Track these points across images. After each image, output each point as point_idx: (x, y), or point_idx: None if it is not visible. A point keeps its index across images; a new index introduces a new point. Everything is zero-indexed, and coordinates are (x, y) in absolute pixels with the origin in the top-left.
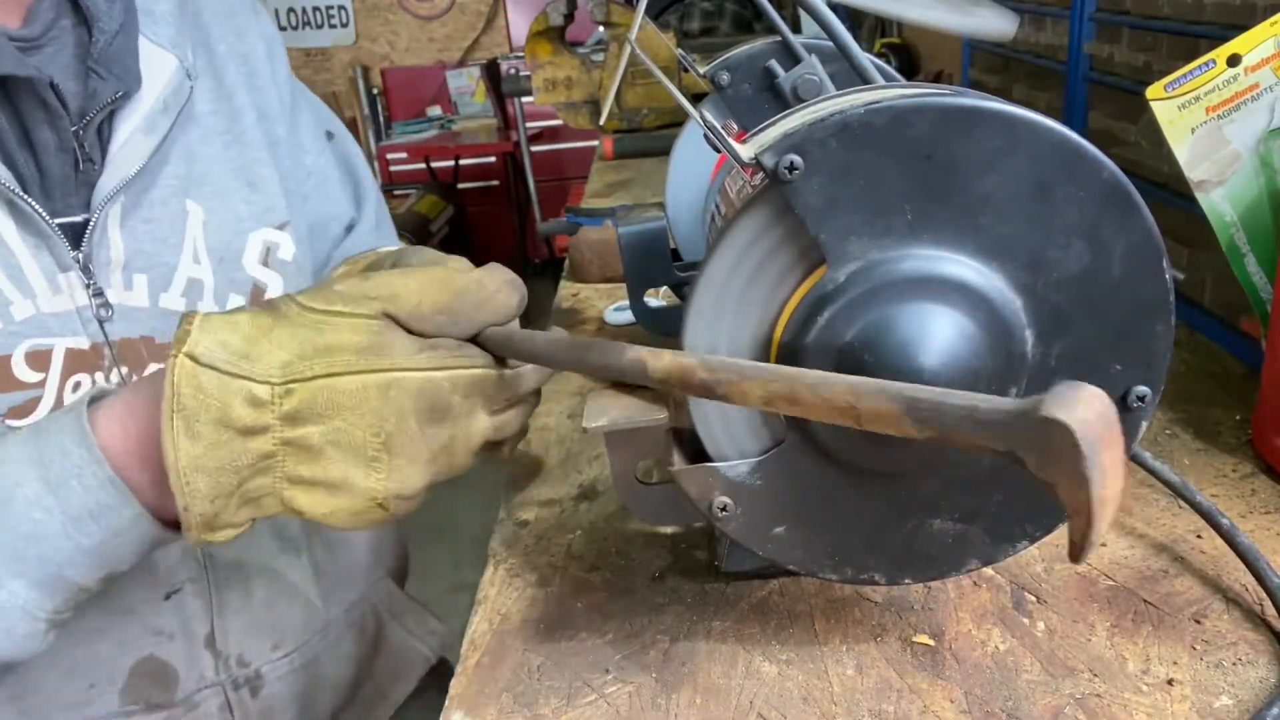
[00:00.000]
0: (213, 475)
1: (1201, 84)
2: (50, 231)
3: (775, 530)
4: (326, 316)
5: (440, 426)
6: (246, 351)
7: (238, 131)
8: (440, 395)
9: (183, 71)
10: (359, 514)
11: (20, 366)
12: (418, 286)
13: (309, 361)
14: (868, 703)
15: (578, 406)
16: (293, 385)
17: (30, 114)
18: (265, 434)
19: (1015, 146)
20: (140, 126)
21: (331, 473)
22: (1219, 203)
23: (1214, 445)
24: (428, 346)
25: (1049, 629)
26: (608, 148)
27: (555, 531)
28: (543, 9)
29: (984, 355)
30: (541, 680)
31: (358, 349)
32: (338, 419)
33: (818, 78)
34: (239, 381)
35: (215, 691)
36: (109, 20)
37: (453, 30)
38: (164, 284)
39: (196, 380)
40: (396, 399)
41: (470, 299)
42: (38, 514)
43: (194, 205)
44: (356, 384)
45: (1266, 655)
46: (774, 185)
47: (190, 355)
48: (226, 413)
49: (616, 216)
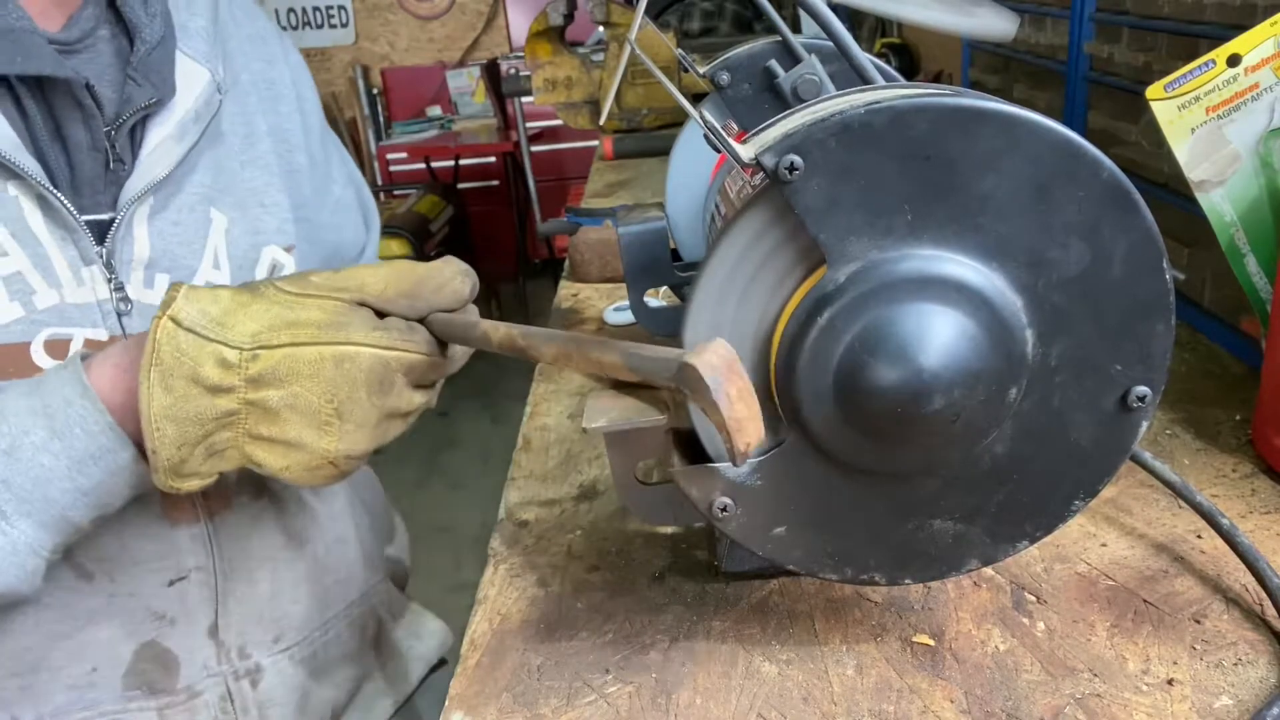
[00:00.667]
0: (180, 425)
1: (1201, 84)
2: (77, 225)
3: (775, 530)
4: (299, 298)
5: (385, 398)
6: (223, 320)
7: (253, 155)
8: (386, 371)
9: (214, 85)
10: (313, 469)
11: (39, 354)
12: (383, 275)
13: (276, 332)
14: (868, 703)
15: (578, 406)
16: (259, 352)
17: (65, 113)
18: (231, 393)
19: (1015, 146)
20: (172, 133)
21: (288, 433)
22: (1219, 203)
23: (1214, 445)
24: (381, 327)
25: (1049, 629)
26: (608, 148)
27: (555, 531)
28: (543, 9)
29: (984, 355)
30: (541, 680)
31: (320, 324)
32: (295, 384)
33: (818, 78)
34: (212, 345)
35: (216, 681)
36: (150, 32)
37: (453, 30)
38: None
39: (176, 340)
40: (349, 371)
41: (429, 284)
42: (45, 459)
43: (218, 214)
44: (314, 354)
45: (1266, 655)
46: (774, 185)
47: (173, 318)
48: (198, 371)
49: (616, 216)
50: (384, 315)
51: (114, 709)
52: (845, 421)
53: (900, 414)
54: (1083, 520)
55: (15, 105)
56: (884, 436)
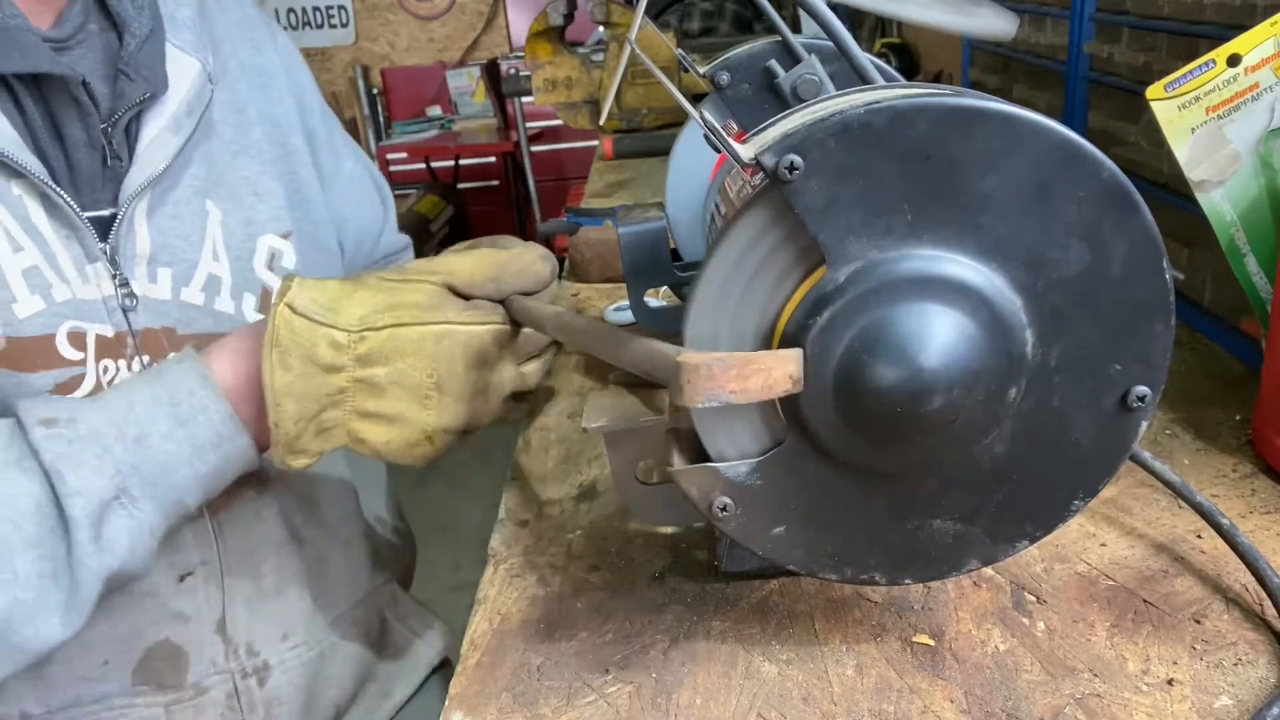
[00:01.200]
0: (299, 400)
1: (1201, 84)
2: (80, 223)
3: (775, 530)
4: (398, 283)
5: (481, 371)
6: (332, 306)
7: (245, 144)
8: (483, 345)
9: (205, 75)
10: (411, 445)
11: (64, 345)
12: (471, 261)
13: (380, 315)
14: (868, 703)
15: (578, 406)
16: (366, 333)
17: (62, 111)
18: (341, 372)
19: (1015, 147)
20: (167, 126)
21: (393, 407)
22: (1219, 203)
23: (1214, 445)
24: (471, 306)
25: (1049, 629)
26: (608, 148)
27: (555, 531)
28: (543, 9)
29: (984, 355)
30: (541, 680)
31: (419, 305)
32: (400, 361)
33: (818, 78)
34: (324, 329)
35: (224, 678)
36: (139, 26)
37: (453, 30)
38: (185, 278)
39: (291, 325)
40: (448, 346)
41: (512, 269)
42: (171, 446)
43: (213, 206)
44: (416, 333)
45: (1266, 655)
46: (774, 185)
47: (289, 305)
48: (313, 351)
49: (616, 216)
50: (469, 298)
51: (122, 703)
52: (845, 421)
53: (900, 414)
54: (1083, 520)
55: (14, 104)
56: (883, 436)
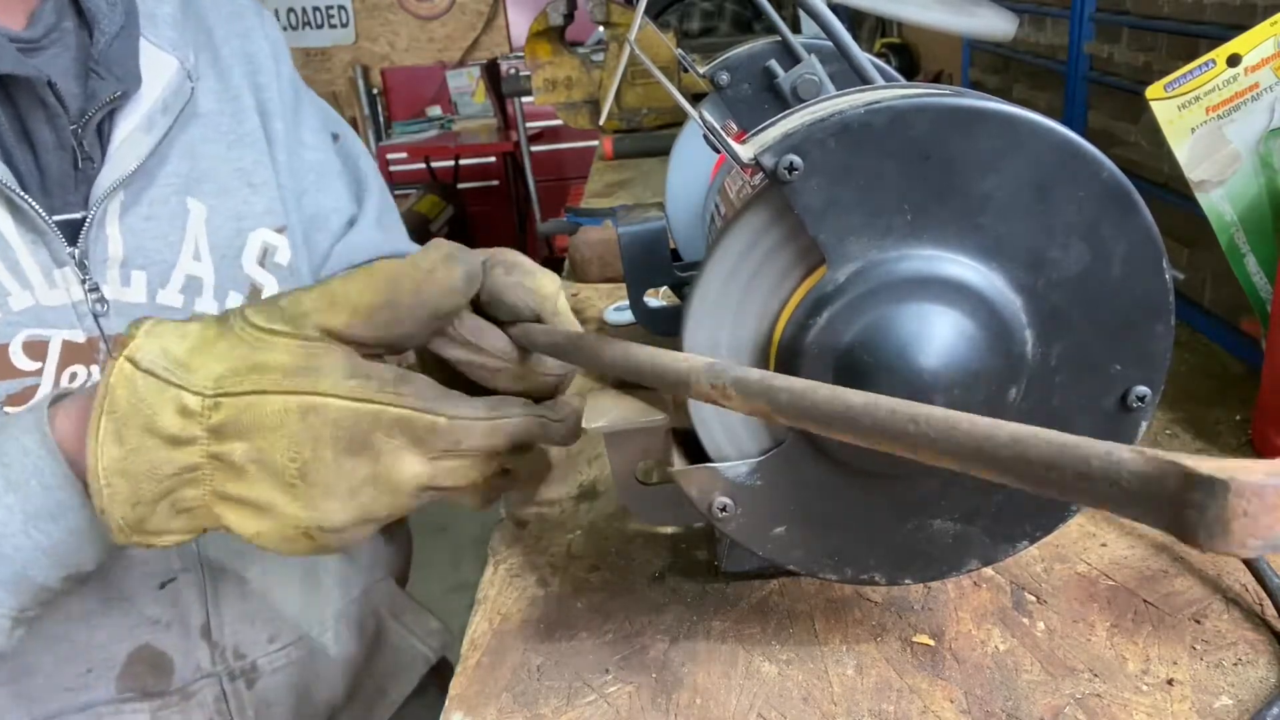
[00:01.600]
0: (135, 480)
1: (1201, 84)
2: (46, 228)
3: (775, 530)
4: (267, 335)
5: (358, 460)
6: (186, 361)
7: (241, 133)
8: (359, 428)
9: (183, 73)
10: (288, 540)
11: (18, 355)
12: (354, 288)
13: (240, 377)
14: (868, 703)
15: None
16: (221, 400)
17: (29, 112)
18: (192, 445)
19: (1015, 147)
20: (140, 125)
21: (256, 493)
22: (1219, 203)
23: (1214, 445)
24: (361, 373)
25: (1049, 629)
26: (608, 148)
27: (555, 531)
28: (543, 9)
29: (984, 355)
30: (541, 680)
31: (286, 369)
32: (259, 439)
33: (818, 78)
34: (172, 390)
35: (211, 682)
36: (109, 22)
37: (453, 30)
38: (162, 280)
39: (133, 384)
40: (314, 424)
41: (405, 285)
42: (0, 513)
43: (195, 203)
44: (279, 404)
45: (1266, 655)
46: (774, 185)
47: (130, 359)
48: (154, 420)
49: (616, 216)
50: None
51: (109, 711)
52: None
53: None
54: (1083, 520)
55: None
56: None
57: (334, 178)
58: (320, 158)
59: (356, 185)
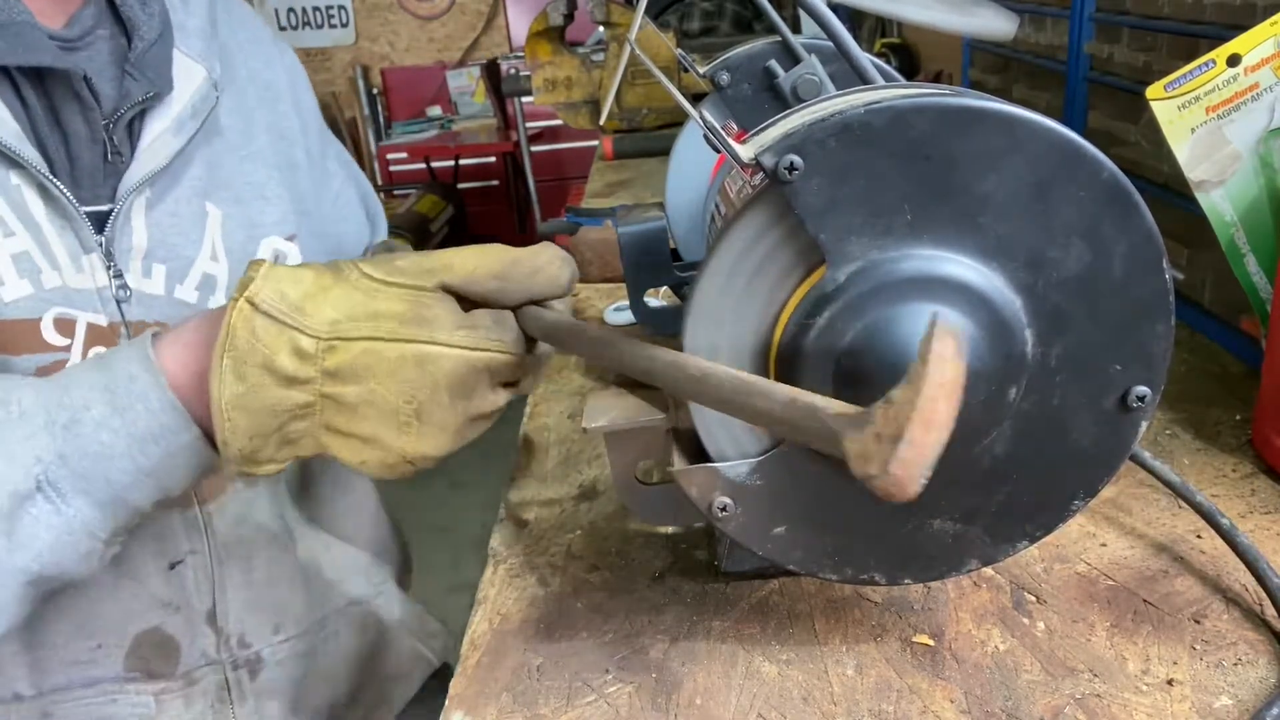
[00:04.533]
0: (253, 415)
1: (1201, 84)
2: (76, 214)
3: (775, 530)
4: (383, 285)
5: (469, 401)
6: (302, 305)
7: (250, 150)
8: (471, 374)
9: (210, 82)
10: (390, 466)
11: (49, 330)
12: (473, 256)
13: (356, 323)
14: (868, 703)
15: (578, 406)
16: (336, 343)
17: (64, 105)
18: (307, 385)
19: (1015, 146)
20: (169, 127)
21: (365, 428)
22: (1219, 203)
23: (1214, 445)
24: (468, 323)
25: (1049, 629)
26: (608, 148)
27: (555, 531)
28: (543, 9)
29: (984, 355)
30: (541, 680)
31: (402, 318)
32: (374, 382)
33: (818, 78)
34: (289, 332)
35: (215, 669)
36: (148, 29)
37: (453, 30)
38: (180, 275)
39: (251, 325)
40: (432, 373)
41: (523, 268)
42: (105, 435)
43: (213, 208)
44: (396, 352)
45: (1266, 655)
46: (774, 185)
47: (250, 300)
48: (273, 360)
49: (616, 216)
50: (470, 302)
51: (113, 689)
52: None
53: None
54: (1083, 520)
55: (16, 96)
56: None
57: (354, 206)
58: (344, 189)
59: (369, 214)
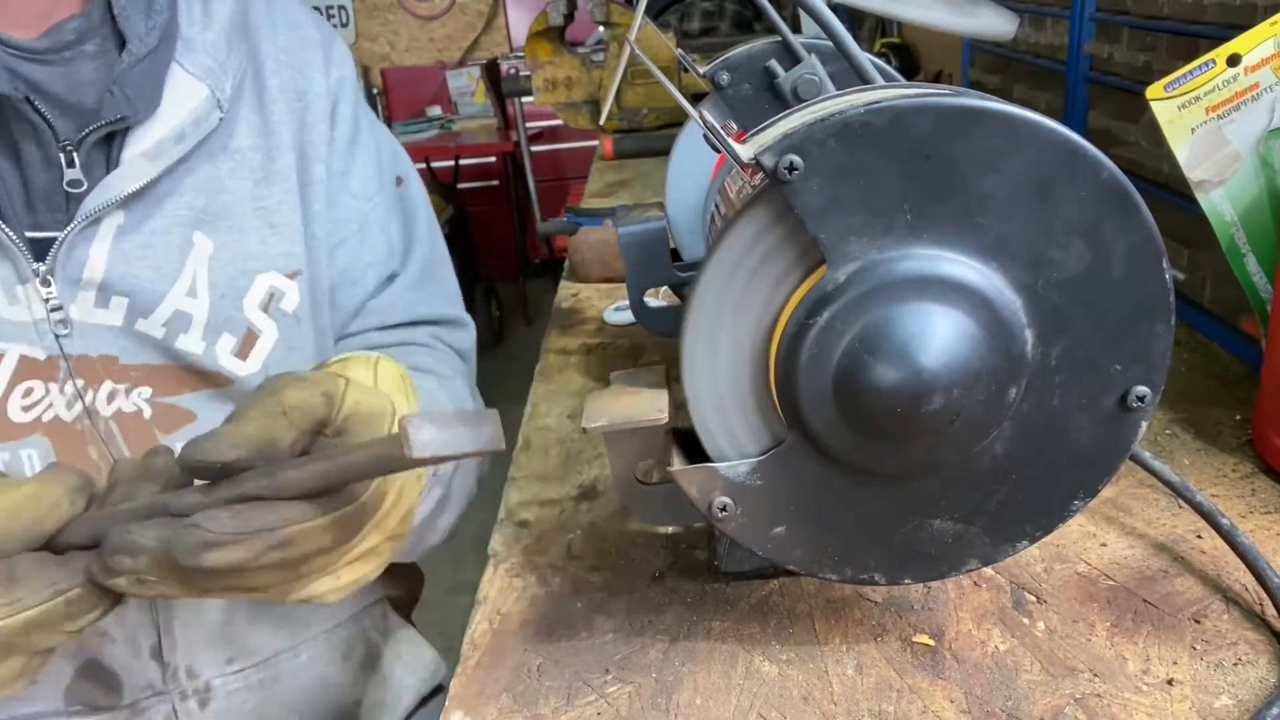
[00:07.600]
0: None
1: (1201, 84)
2: (9, 242)
3: (775, 530)
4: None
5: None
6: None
7: (271, 170)
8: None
9: (212, 102)
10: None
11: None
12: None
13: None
14: (868, 703)
15: (578, 406)
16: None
17: (17, 127)
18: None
19: (1015, 146)
20: (146, 151)
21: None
22: (1219, 203)
23: (1214, 445)
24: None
25: (1049, 629)
26: (608, 148)
27: (555, 531)
28: (543, 9)
29: (984, 355)
30: (541, 680)
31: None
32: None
33: (818, 78)
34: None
35: (162, 700)
36: (140, 44)
37: (453, 30)
38: (145, 310)
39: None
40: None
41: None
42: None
43: (202, 238)
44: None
45: (1266, 655)
46: (774, 185)
47: None
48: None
49: (616, 216)
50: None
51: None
52: (845, 421)
53: (900, 414)
54: (1083, 520)
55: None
56: (883, 436)
57: (378, 230)
58: (366, 208)
59: (407, 238)
